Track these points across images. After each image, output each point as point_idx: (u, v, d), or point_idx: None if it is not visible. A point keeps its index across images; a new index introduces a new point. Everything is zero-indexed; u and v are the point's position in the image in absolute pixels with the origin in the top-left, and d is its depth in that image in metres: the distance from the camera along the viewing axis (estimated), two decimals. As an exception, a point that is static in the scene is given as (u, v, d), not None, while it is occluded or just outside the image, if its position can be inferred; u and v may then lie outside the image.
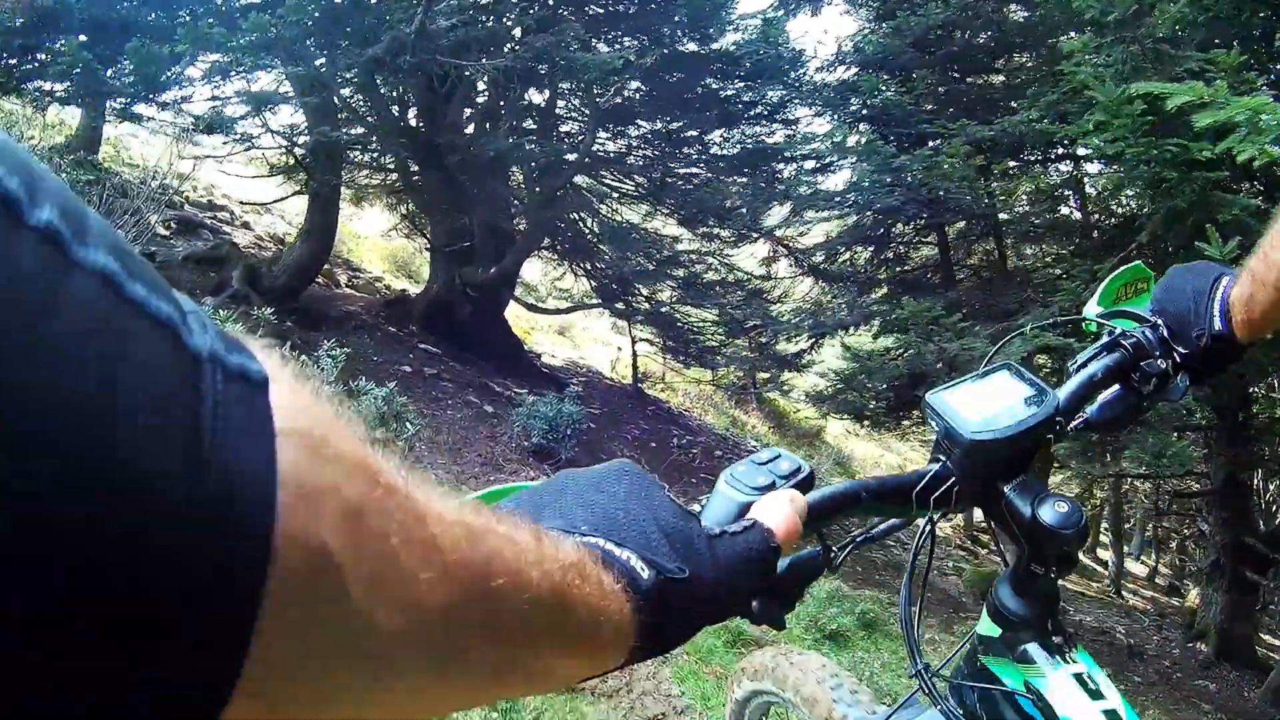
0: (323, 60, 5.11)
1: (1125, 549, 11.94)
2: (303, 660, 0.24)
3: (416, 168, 8.21)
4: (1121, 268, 0.98)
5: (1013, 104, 6.98)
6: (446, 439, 5.18)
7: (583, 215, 9.50)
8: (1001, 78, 7.21)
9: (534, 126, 8.59)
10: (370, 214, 12.86)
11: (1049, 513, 0.74)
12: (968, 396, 0.79)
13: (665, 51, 7.89)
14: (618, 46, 7.87)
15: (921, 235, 7.52)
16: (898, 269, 8.23)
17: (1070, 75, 5.46)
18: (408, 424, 3.61)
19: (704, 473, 7.06)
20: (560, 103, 9.16)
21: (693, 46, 8.43)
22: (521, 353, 9.85)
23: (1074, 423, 0.86)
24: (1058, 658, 0.80)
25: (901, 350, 4.89)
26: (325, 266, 9.17)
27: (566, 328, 14.26)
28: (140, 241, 7.53)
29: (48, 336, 0.18)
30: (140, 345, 0.20)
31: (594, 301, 10.97)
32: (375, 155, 9.47)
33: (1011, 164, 5.74)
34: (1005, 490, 0.77)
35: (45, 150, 6.63)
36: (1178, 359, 0.87)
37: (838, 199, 6.71)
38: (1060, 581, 0.82)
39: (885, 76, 5.66)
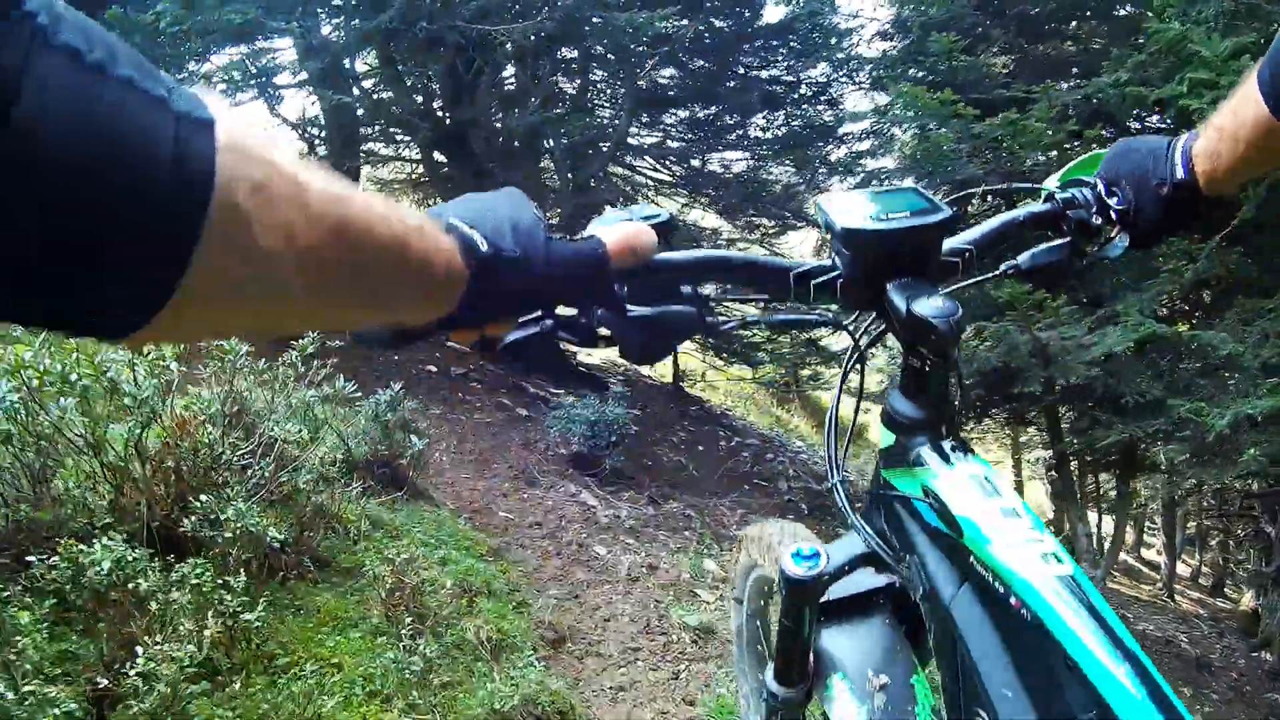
0: (329, 26, 4.68)
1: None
2: (225, 275, 0.38)
3: (443, 158, 7.79)
4: (1085, 155, 0.98)
5: (1074, 71, 6.37)
6: (473, 448, 4.67)
7: (618, 205, 9.02)
8: (1072, 45, 6.59)
9: (564, 113, 8.13)
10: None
11: (924, 306, 0.73)
12: (861, 201, 0.79)
13: (703, 29, 7.39)
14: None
15: (994, 212, 6.84)
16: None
17: (1158, 33, 4.90)
18: (413, 437, 3.11)
19: (758, 479, 6.51)
20: (592, 90, 8.69)
21: (733, 24, 7.93)
22: (557, 350, 9.38)
23: (1003, 267, 0.89)
24: (951, 459, 0.78)
25: (992, 343, 4.29)
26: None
27: (602, 325, 13.82)
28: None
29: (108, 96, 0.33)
30: (138, 108, 0.33)
31: (631, 297, 10.50)
32: (398, 149, 9.11)
33: (1104, 130, 5.12)
34: (888, 288, 0.77)
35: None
36: (1113, 216, 0.86)
37: (899, 170, 6.12)
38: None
39: (955, 37, 5.07)
